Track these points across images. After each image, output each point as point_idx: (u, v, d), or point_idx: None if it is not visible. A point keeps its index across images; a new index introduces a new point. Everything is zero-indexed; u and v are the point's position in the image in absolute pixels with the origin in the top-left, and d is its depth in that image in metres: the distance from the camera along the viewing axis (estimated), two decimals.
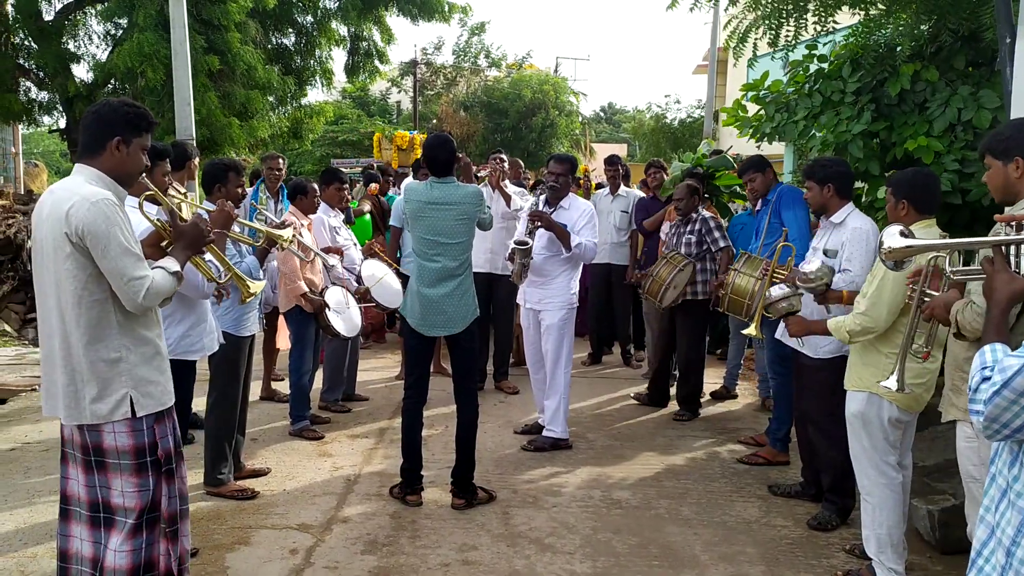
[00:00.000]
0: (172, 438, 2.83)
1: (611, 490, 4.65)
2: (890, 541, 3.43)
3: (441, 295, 4.28)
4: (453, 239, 4.28)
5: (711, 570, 3.70)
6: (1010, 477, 1.79)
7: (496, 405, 6.35)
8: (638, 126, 26.02)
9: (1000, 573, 1.78)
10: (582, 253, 5.22)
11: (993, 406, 1.69)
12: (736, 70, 16.57)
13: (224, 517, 4.17)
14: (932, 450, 4.37)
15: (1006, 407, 1.68)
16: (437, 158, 4.32)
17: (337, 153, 25.22)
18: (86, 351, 2.60)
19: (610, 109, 56.67)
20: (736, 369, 6.79)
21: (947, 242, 2.33)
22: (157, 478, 2.73)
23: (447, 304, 4.29)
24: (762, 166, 5.17)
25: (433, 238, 4.28)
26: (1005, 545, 1.77)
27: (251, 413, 5.09)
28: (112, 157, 2.64)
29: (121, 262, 2.54)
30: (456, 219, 4.27)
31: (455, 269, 4.30)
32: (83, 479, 2.71)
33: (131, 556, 2.67)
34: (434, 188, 4.31)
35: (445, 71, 30.27)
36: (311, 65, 15.01)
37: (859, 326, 3.36)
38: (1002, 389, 1.68)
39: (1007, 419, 1.69)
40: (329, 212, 5.91)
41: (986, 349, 1.78)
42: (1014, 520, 1.75)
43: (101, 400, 2.62)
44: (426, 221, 4.28)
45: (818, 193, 3.97)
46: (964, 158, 4.28)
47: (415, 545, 3.89)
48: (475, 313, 4.40)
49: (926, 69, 4.46)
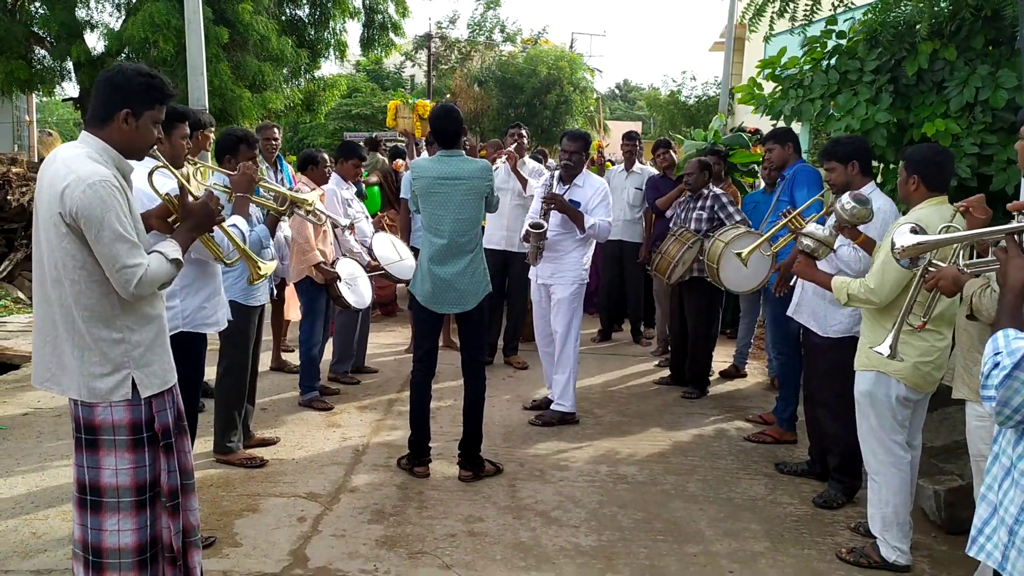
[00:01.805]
0: (171, 412, 2.67)
1: (618, 465, 4.67)
2: (896, 520, 3.44)
3: (453, 273, 4.28)
4: (462, 214, 4.27)
5: (715, 545, 3.72)
6: (1014, 456, 1.78)
7: (505, 380, 6.37)
8: (653, 100, 25.81)
9: (1003, 551, 1.78)
10: (596, 233, 5.22)
11: (1005, 389, 1.69)
12: (753, 47, 16.38)
13: (233, 484, 4.22)
14: (940, 431, 4.36)
15: (1017, 389, 1.67)
16: (445, 129, 4.31)
17: (350, 127, 25.17)
18: (88, 329, 2.46)
19: (625, 86, 56.26)
20: (746, 348, 6.78)
21: (959, 235, 2.30)
22: (155, 453, 2.60)
23: (459, 282, 4.29)
24: (783, 138, 5.11)
25: (442, 213, 4.27)
26: (1008, 524, 1.77)
27: (261, 383, 5.13)
28: (120, 130, 2.48)
29: (114, 249, 2.38)
30: (464, 194, 4.25)
31: (465, 245, 4.29)
32: (74, 457, 2.59)
33: (136, 535, 2.56)
34: (441, 163, 4.29)
35: (460, 45, 30.07)
36: (325, 37, 14.90)
37: (862, 294, 3.35)
38: (1014, 371, 1.67)
39: (1018, 403, 1.68)
40: (342, 184, 5.91)
41: (999, 335, 1.77)
42: (1017, 499, 1.76)
43: (101, 379, 2.48)
44: (436, 197, 4.26)
45: (843, 172, 3.91)
46: (983, 141, 4.22)
47: (422, 516, 3.93)
48: (487, 289, 4.39)
49: (945, 48, 4.39)
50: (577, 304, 5.32)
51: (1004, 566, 1.79)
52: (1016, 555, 1.74)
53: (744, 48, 19.37)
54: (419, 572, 3.40)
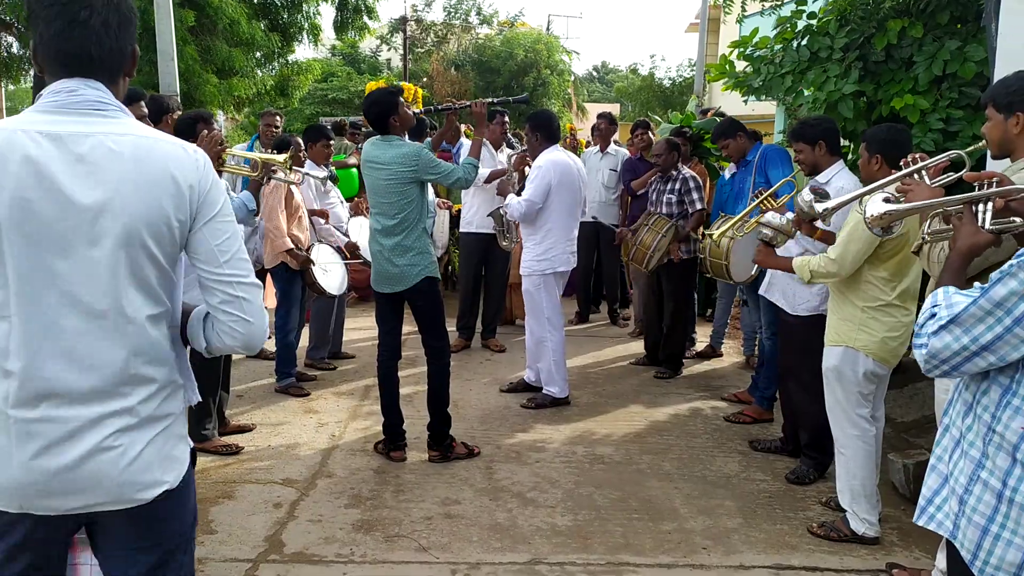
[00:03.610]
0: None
1: (594, 446, 4.70)
2: (863, 492, 3.50)
3: (385, 250, 4.28)
4: (384, 198, 4.23)
5: (690, 522, 3.76)
6: (963, 427, 1.82)
7: (483, 363, 6.38)
8: (624, 90, 25.82)
9: (953, 520, 1.82)
10: (508, 213, 5.38)
11: (936, 340, 1.73)
12: (728, 29, 16.38)
13: (208, 472, 4.21)
14: (910, 406, 4.43)
15: (948, 344, 1.71)
16: (367, 112, 4.28)
17: (327, 111, 24.93)
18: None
19: (603, 68, 56.13)
20: (723, 328, 6.82)
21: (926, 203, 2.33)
22: None
23: (389, 262, 4.27)
24: (731, 131, 5.17)
25: (372, 196, 4.31)
26: (958, 493, 1.80)
27: (237, 370, 5.11)
28: None
29: None
30: (385, 179, 4.19)
31: (392, 228, 4.24)
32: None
33: None
34: (372, 146, 4.28)
35: (436, 28, 29.83)
36: (298, 20, 14.73)
37: (823, 268, 3.38)
38: (949, 324, 1.71)
39: (947, 356, 1.72)
40: (315, 169, 5.87)
41: (939, 291, 1.81)
42: (967, 469, 1.79)
43: None
44: (368, 180, 4.30)
45: (810, 153, 3.94)
46: (949, 116, 4.26)
47: (398, 499, 3.94)
48: (423, 273, 4.30)
49: (912, 25, 4.43)
50: (538, 295, 5.31)
51: (955, 535, 1.82)
52: (967, 524, 1.78)
53: (719, 29, 19.38)
54: (395, 555, 3.41)
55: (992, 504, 1.73)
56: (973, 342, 1.67)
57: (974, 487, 1.77)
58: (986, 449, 1.74)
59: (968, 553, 1.77)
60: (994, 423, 1.73)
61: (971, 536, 1.77)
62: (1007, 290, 1.62)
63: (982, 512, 1.74)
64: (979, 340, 1.66)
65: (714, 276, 5.18)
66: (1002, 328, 1.63)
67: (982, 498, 1.75)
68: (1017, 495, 1.69)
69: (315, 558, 3.37)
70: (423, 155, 4.22)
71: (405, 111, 4.27)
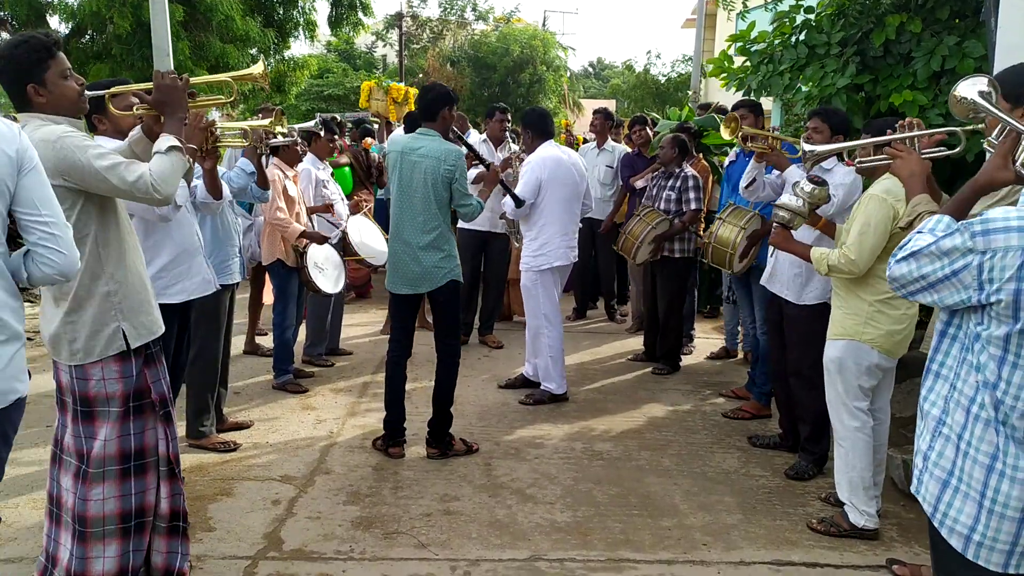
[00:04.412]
0: (165, 383, 2.85)
1: (593, 442, 4.70)
2: (861, 484, 3.51)
3: (412, 248, 4.25)
4: (420, 192, 4.21)
5: (689, 519, 3.76)
6: (922, 393, 1.98)
7: (480, 359, 6.37)
8: (618, 87, 25.82)
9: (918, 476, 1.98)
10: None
11: (898, 266, 1.88)
12: (726, 24, 16.38)
13: (207, 469, 4.19)
14: (909, 402, 4.42)
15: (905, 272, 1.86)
16: (425, 96, 4.34)
17: (323, 107, 24.87)
18: (79, 287, 2.58)
19: (599, 64, 56.09)
20: (736, 329, 6.66)
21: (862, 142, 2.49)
22: (154, 422, 2.78)
23: (416, 261, 4.25)
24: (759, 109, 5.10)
25: (403, 192, 4.25)
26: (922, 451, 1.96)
27: (235, 367, 5.09)
28: (41, 102, 2.49)
29: (110, 176, 2.48)
30: (427, 172, 4.18)
31: (424, 224, 4.23)
32: (71, 427, 2.70)
33: (120, 501, 2.69)
34: (412, 139, 4.27)
35: (431, 24, 29.77)
36: (293, 16, 14.68)
37: (842, 264, 3.37)
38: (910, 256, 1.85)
39: (904, 282, 1.88)
40: (317, 165, 5.85)
41: (933, 218, 1.91)
42: (929, 427, 1.94)
43: (94, 337, 2.61)
44: (401, 173, 4.24)
45: (828, 139, 3.95)
46: (948, 112, 4.26)
47: (397, 496, 3.93)
48: (449, 275, 4.31)
49: (911, 20, 4.42)
50: (535, 291, 5.30)
51: (919, 489, 1.97)
52: (928, 478, 1.92)
53: (716, 25, 19.40)
54: (394, 552, 3.40)
55: (951, 458, 1.86)
56: (923, 278, 1.84)
57: (936, 443, 1.90)
58: (946, 407, 1.88)
59: (929, 506, 1.91)
60: (955, 379, 1.86)
61: (932, 490, 1.90)
62: (952, 243, 1.77)
63: (943, 467, 1.88)
64: (927, 278, 1.83)
65: (714, 264, 5.14)
66: (942, 275, 1.80)
67: (943, 453, 1.88)
68: (971, 449, 1.81)
69: (314, 555, 3.36)
70: (462, 162, 4.26)
71: (457, 113, 4.41)
